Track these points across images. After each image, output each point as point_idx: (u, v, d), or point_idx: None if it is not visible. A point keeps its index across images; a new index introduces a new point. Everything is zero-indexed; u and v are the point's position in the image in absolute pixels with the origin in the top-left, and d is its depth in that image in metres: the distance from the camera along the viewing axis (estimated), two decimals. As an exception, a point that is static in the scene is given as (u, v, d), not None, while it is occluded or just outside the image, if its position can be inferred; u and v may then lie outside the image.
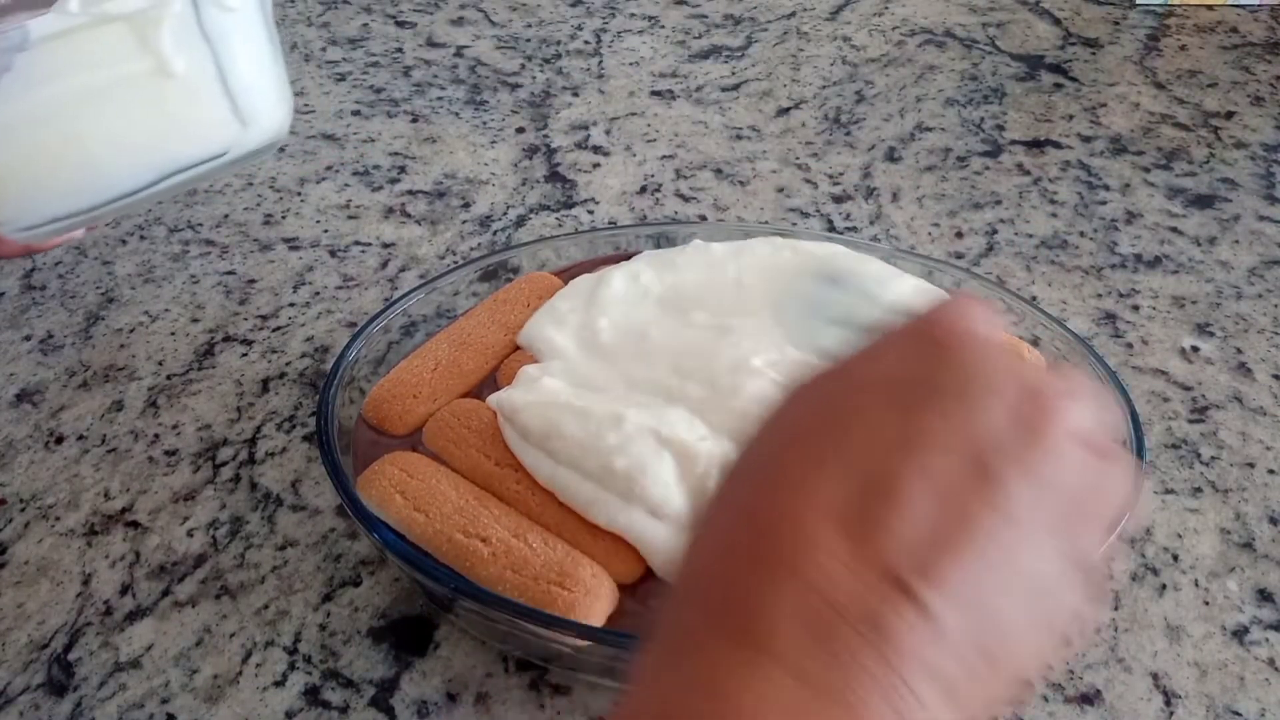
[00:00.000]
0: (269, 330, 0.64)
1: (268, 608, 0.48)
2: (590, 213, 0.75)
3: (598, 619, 0.42)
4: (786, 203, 0.76)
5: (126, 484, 0.55)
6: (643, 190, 0.77)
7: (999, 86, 0.90)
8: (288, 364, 0.62)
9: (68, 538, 0.52)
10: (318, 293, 0.67)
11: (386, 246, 0.71)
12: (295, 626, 0.48)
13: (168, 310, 0.66)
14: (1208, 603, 0.49)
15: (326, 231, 0.73)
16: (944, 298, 0.29)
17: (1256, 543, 0.51)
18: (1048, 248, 0.71)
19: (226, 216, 0.74)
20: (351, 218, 0.74)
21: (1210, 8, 1.02)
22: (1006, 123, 0.85)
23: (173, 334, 0.64)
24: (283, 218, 0.74)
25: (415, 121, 0.85)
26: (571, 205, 0.75)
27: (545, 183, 0.78)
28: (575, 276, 0.58)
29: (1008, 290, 0.59)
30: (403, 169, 0.79)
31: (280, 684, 0.45)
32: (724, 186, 0.77)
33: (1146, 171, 0.79)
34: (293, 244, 0.72)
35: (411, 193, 0.77)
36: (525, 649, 0.45)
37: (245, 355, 0.62)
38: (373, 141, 0.83)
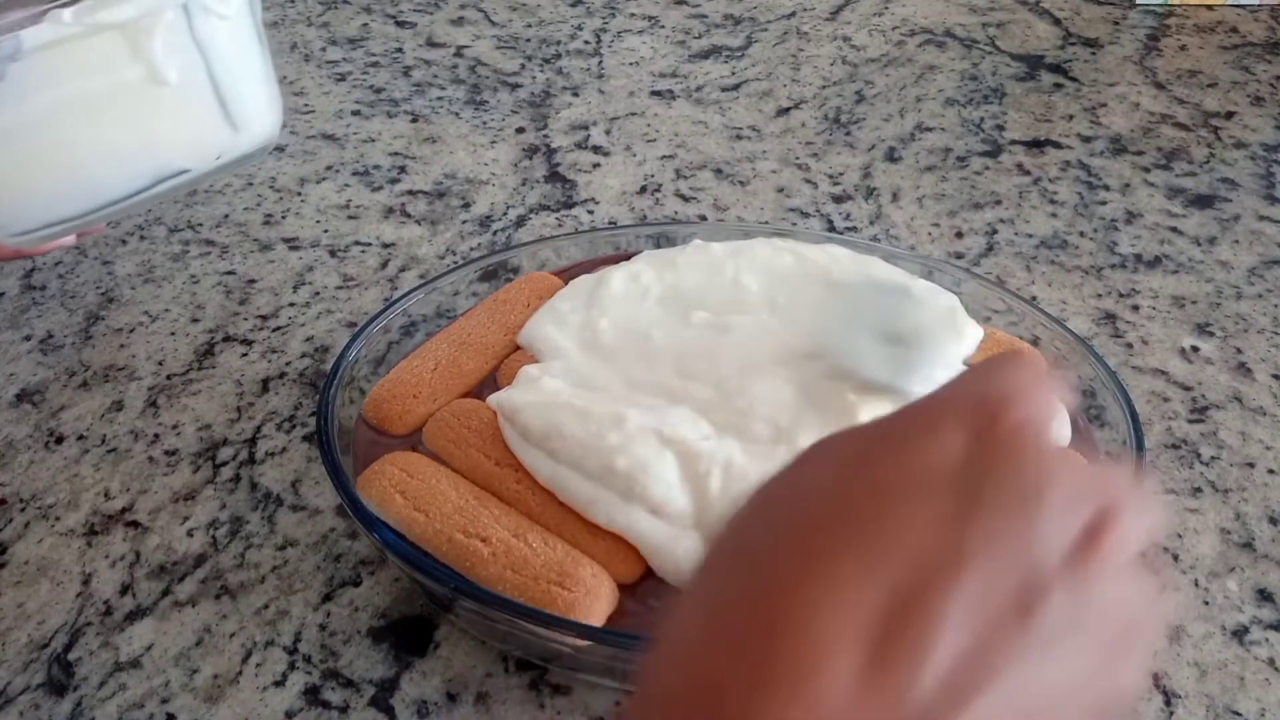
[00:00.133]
0: (269, 330, 0.64)
1: (268, 608, 0.48)
2: (590, 213, 0.75)
3: (598, 619, 0.42)
4: (786, 203, 0.76)
5: (126, 484, 0.55)
6: (643, 190, 0.77)
7: (999, 86, 0.90)
8: (288, 364, 0.62)
9: (68, 538, 0.52)
10: (318, 293, 0.67)
11: (386, 246, 0.71)
12: (295, 626, 0.48)
13: (168, 310, 0.66)
14: (1208, 603, 0.49)
15: (326, 231, 0.73)
16: (1003, 355, 0.27)
17: (1256, 543, 0.51)
18: (1048, 248, 0.71)
19: (226, 216, 0.74)
20: (351, 218, 0.74)
21: (1210, 8, 1.02)
22: (1006, 123, 0.85)
23: (173, 334, 0.64)
24: (283, 218, 0.74)
25: (415, 121, 0.85)
26: (571, 205, 0.75)
27: (545, 183, 0.78)
28: (575, 276, 0.58)
29: (1008, 290, 0.59)
30: (403, 169, 0.79)
31: (280, 684, 0.45)
32: (724, 186, 0.77)
33: (1146, 171, 0.79)
34: (293, 244, 0.72)
35: (411, 193, 0.77)
36: (525, 649, 0.45)
37: (245, 355, 0.62)
38: (373, 141, 0.83)
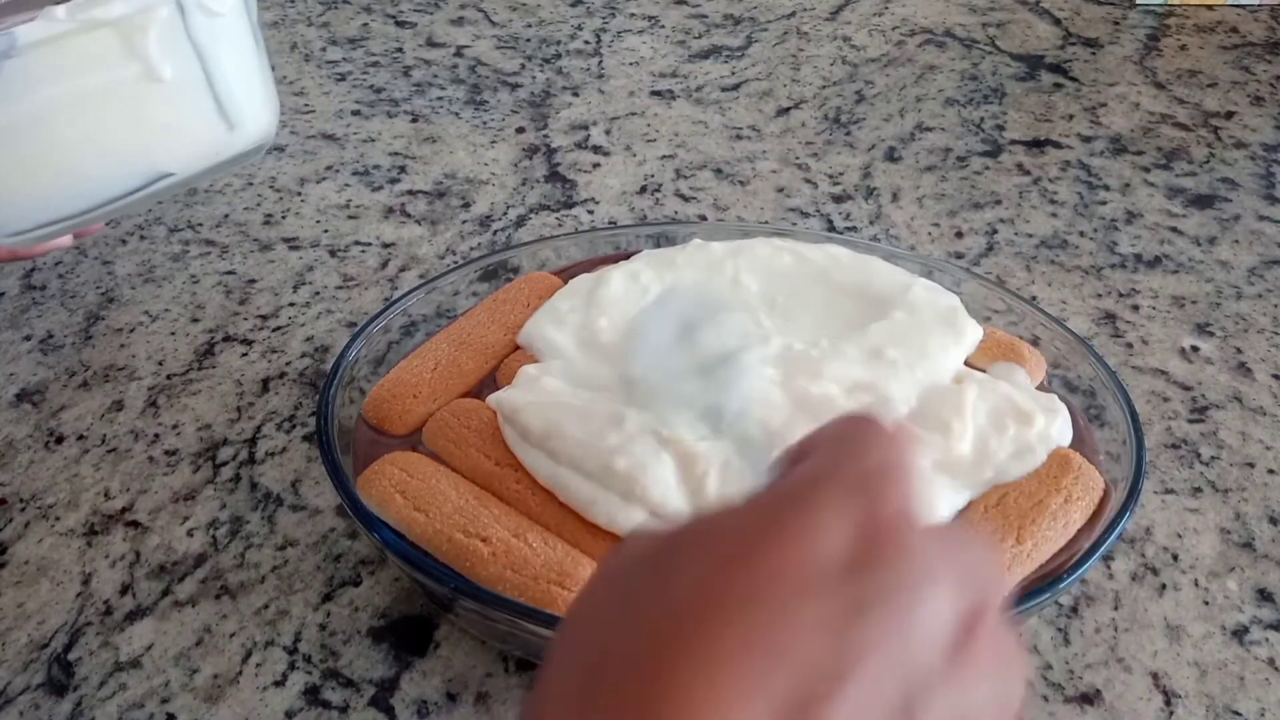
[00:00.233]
0: (269, 330, 0.64)
1: (268, 608, 0.48)
2: (590, 213, 0.75)
3: (598, 619, 0.42)
4: (786, 203, 0.76)
5: (126, 484, 0.55)
6: (643, 190, 0.77)
7: (999, 86, 0.90)
8: (288, 364, 0.62)
9: (68, 538, 0.52)
10: (318, 293, 0.67)
11: (386, 246, 0.71)
12: (295, 626, 0.48)
13: (168, 310, 0.66)
14: (1208, 603, 0.49)
15: (326, 231, 0.73)
16: (851, 421, 0.27)
17: (1256, 543, 0.51)
18: (1048, 248, 0.71)
19: (226, 216, 0.74)
20: (351, 218, 0.74)
21: (1210, 8, 1.02)
22: (1006, 123, 0.85)
23: (173, 334, 0.64)
24: (283, 218, 0.74)
25: (415, 121, 0.85)
26: (571, 205, 0.75)
27: (545, 183, 0.78)
28: (575, 276, 0.58)
29: (1008, 290, 0.59)
30: (403, 169, 0.79)
31: (280, 684, 0.45)
32: (724, 186, 0.77)
33: (1146, 171, 0.79)
34: (293, 244, 0.72)
35: (411, 193, 0.77)
36: (525, 649, 0.45)
37: (245, 355, 0.62)
38: (373, 141, 0.83)
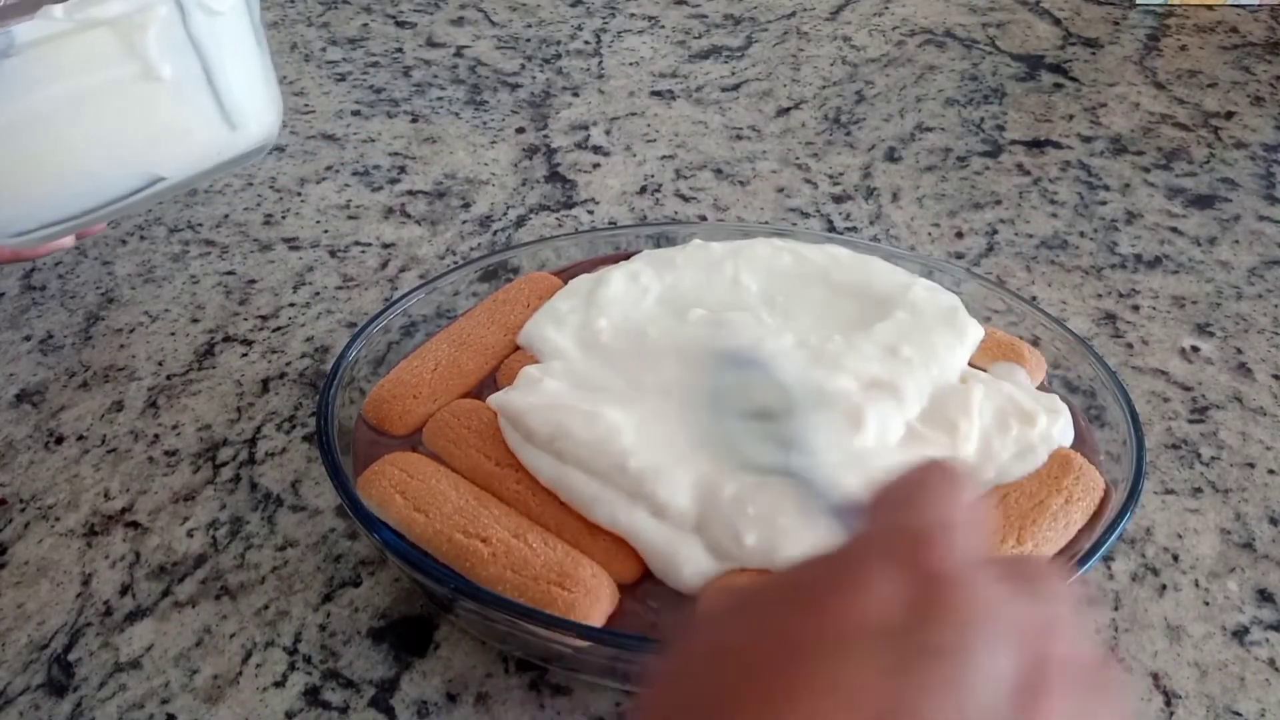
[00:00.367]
0: (269, 330, 0.64)
1: (268, 608, 0.48)
2: (590, 213, 0.75)
3: (598, 619, 0.42)
4: (786, 203, 0.76)
5: (126, 484, 0.55)
6: (643, 190, 0.77)
7: (999, 86, 0.90)
8: (288, 364, 0.62)
9: (68, 538, 0.52)
10: (318, 293, 0.67)
11: (386, 246, 0.71)
12: (295, 627, 0.48)
13: (168, 310, 0.66)
14: (1208, 603, 0.49)
15: (326, 231, 0.73)
16: (917, 472, 0.27)
17: (1256, 543, 0.51)
18: (1048, 248, 0.71)
19: (226, 216, 0.74)
20: (351, 218, 0.74)
21: (1210, 8, 1.02)
22: (1006, 123, 0.85)
23: (173, 334, 0.64)
24: (283, 218, 0.74)
25: (415, 121, 0.85)
26: (571, 205, 0.75)
27: (545, 183, 0.78)
28: (575, 276, 0.58)
29: (1008, 290, 0.59)
30: (403, 169, 0.79)
31: (280, 684, 0.45)
32: (724, 186, 0.77)
33: (1146, 171, 0.79)
34: (293, 244, 0.72)
35: (411, 193, 0.77)
36: (525, 649, 0.45)
37: (245, 355, 0.62)
38: (373, 141, 0.83)
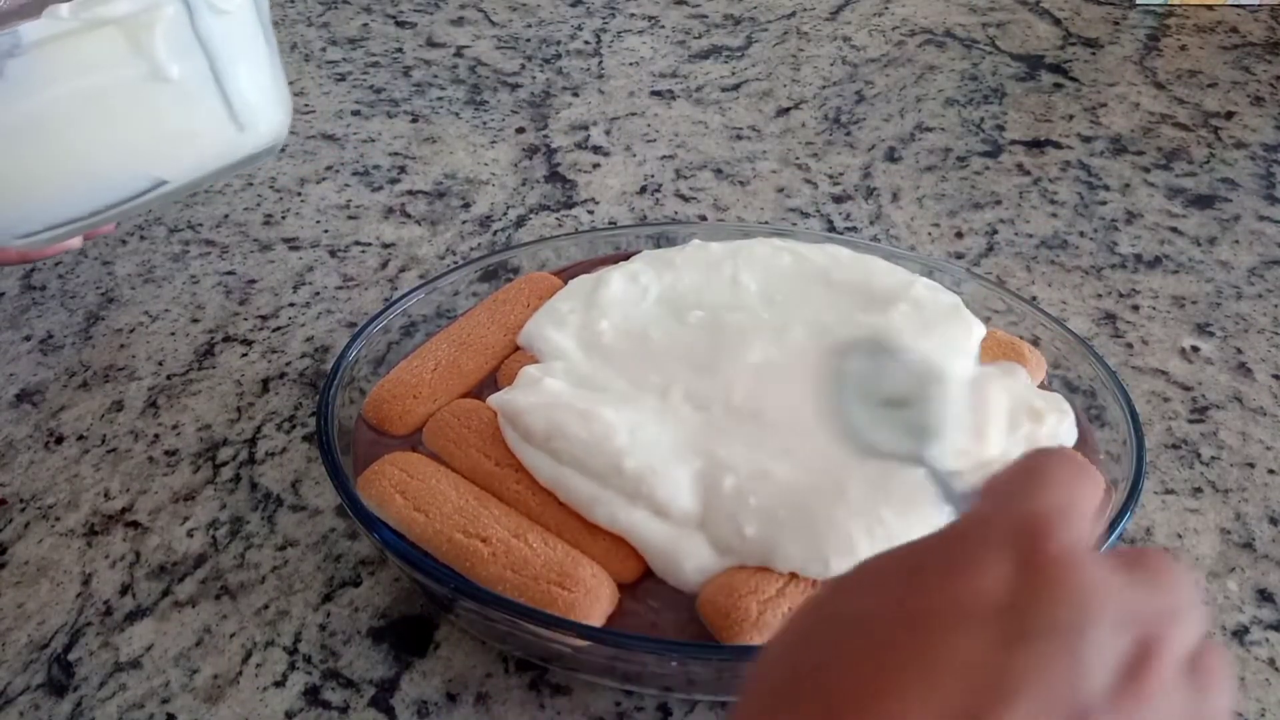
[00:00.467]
0: (269, 330, 0.64)
1: (268, 608, 0.48)
2: (590, 213, 0.75)
3: (598, 619, 0.42)
4: (786, 203, 0.76)
5: (126, 484, 0.55)
6: (643, 190, 0.77)
7: (999, 86, 0.90)
8: (288, 364, 0.62)
9: (68, 538, 0.52)
10: (318, 293, 0.67)
11: (386, 246, 0.71)
12: (295, 626, 0.48)
13: (168, 310, 0.66)
14: (1208, 603, 0.49)
15: (326, 231, 0.73)
16: (1038, 458, 0.27)
17: (1256, 543, 0.51)
18: (1048, 248, 0.71)
19: (226, 216, 0.74)
20: (351, 218, 0.74)
21: (1210, 8, 1.02)
22: (1006, 123, 0.85)
23: (173, 334, 0.64)
24: (283, 218, 0.74)
25: (415, 121, 0.85)
26: (571, 205, 0.75)
27: (545, 183, 0.78)
28: (575, 276, 0.58)
29: (1008, 290, 0.59)
30: (403, 169, 0.79)
31: (280, 684, 0.45)
32: (724, 186, 0.77)
33: (1146, 171, 0.79)
34: (293, 244, 0.72)
35: (411, 193, 0.77)
36: (525, 649, 0.45)
37: (245, 355, 0.62)
38: (373, 141, 0.83)
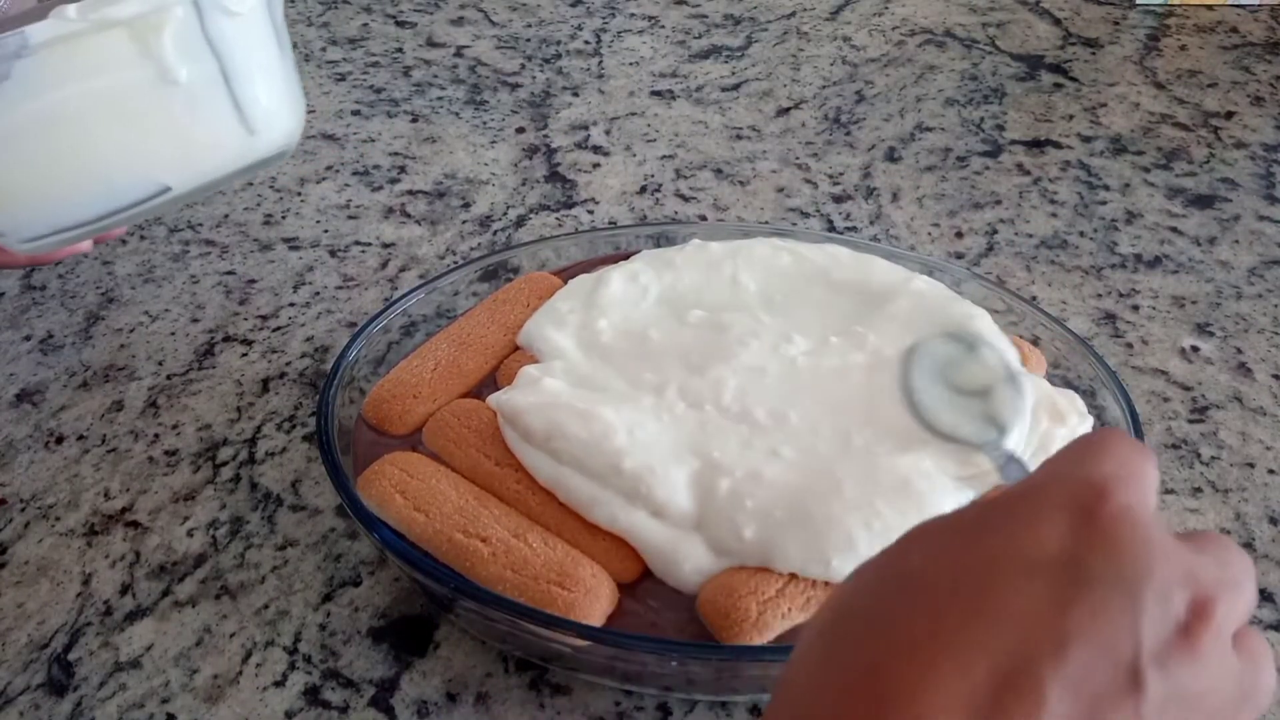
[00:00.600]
0: (269, 330, 0.64)
1: (268, 608, 0.48)
2: (590, 213, 0.75)
3: (598, 619, 0.42)
4: (786, 203, 0.76)
5: (126, 484, 0.55)
6: (643, 190, 0.77)
7: (999, 86, 0.90)
8: (288, 364, 0.62)
9: (68, 538, 0.52)
10: (318, 293, 0.67)
11: (386, 246, 0.71)
12: (295, 626, 0.48)
13: (168, 310, 0.66)
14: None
15: (326, 231, 0.73)
16: (1100, 434, 0.27)
17: (1256, 543, 0.51)
18: (1048, 248, 0.71)
19: (226, 216, 0.74)
20: (351, 218, 0.74)
21: (1210, 8, 1.02)
22: (1006, 123, 0.85)
23: (173, 334, 0.64)
24: (283, 218, 0.74)
25: (415, 121, 0.85)
26: (571, 205, 0.75)
27: (545, 183, 0.78)
28: (575, 276, 0.58)
29: (1008, 290, 0.59)
30: (403, 169, 0.79)
31: (280, 684, 0.45)
32: (724, 186, 0.77)
33: (1146, 171, 0.79)
34: (293, 244, 0.72)
35: (411, 193, 0.77)
36: (525, 649, 0.45)
37: (245, 355, 0.62)
38: (373, 141, 0.83)
